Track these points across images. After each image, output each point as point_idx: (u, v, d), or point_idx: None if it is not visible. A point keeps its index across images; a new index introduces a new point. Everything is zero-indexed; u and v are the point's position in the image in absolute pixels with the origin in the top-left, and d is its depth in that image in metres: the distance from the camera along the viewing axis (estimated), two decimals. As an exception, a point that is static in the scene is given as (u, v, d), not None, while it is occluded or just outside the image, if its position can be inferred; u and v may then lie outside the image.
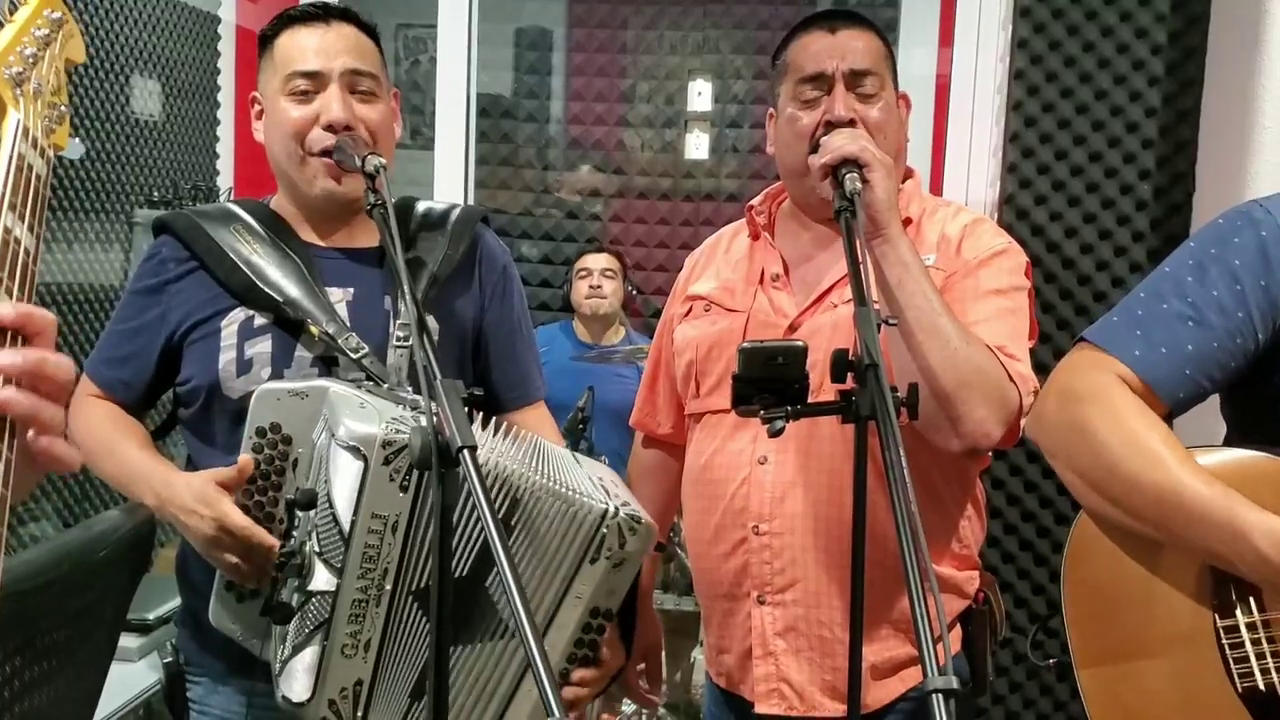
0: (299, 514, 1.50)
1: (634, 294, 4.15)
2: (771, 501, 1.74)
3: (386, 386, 1.59)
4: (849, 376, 1.34)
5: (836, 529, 1.70)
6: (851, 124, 1.71)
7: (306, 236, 1.75)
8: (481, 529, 1.41)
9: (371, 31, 1.73)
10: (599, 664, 1.62)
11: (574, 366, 3.58)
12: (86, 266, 2.70)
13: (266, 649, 1.58)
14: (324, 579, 1.48)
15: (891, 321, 1.46)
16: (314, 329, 1.63)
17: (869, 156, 1.58)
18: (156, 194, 2.91)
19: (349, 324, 1.67)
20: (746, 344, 1.46)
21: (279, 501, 1.54)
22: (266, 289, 1.65)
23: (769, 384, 1.44)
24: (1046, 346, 2.58)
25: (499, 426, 1.62)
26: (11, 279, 0.94)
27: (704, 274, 1.94)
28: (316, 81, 1.66)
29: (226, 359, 1.66)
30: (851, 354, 1.33)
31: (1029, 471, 2.64)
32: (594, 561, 1.55)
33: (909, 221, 1.76)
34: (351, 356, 1.62)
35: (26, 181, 0.99)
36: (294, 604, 1.49)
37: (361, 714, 1.51)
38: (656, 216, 4.31)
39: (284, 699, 1.51)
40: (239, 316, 1.67)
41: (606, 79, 4.37)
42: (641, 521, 1.57)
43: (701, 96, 4.26)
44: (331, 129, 1.64)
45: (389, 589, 1.49)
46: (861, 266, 1.42)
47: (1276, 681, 1.40)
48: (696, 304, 1.90)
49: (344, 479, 1.46)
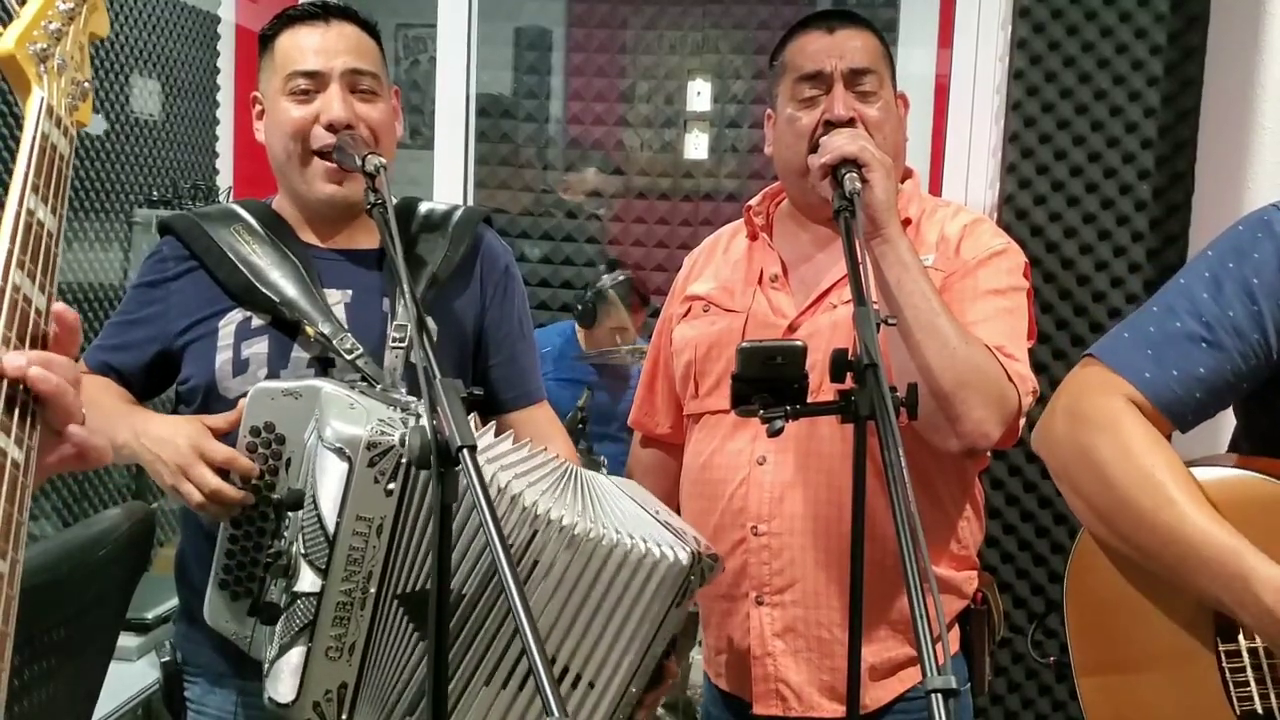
0: (287, 514, 1.50)
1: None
2: (770, 502, 1.74)
3: (380, 388, 1.59)
4: (848, 376, 1.34)
5: (835, 529, 1.70)
6: (851, 123, 1.71)
7: (306, 237, 1.75)
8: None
9: (372, 30, 1.73)
10: (665, 680, 1.64)
11: (574, 367, 3.56)
12: (86, 265, 2.70)
13: (260, 647, 1.58)
14: (309, 580, 1.47)
15: (891, 321, 1.46)
16: (309, 330, 1.63)
17: (869, 156, 1.58)
18: (156, 193, 2.90)
19: (347, 326, 1.67)
20: (745, 344, 1.46)
21: (271, 501, 1.54)
22: (264, 289, 1.66)
23: (768, 384, 1.44)
24: (1045, 346, 2.58)
25: (562, 475, 1.60)
26: (34, 262, 0.94)
27: (703, 274, 1.93)
28: (317, 81, 1.66)
29: (223, 359, 1.67)
30: (851, 354, 1.33)
31: (1028, 471, 2.64)
32: (679, 606, 1.57)
33: (908, 222, 1.76)
34: (346, 358, 1.62)
35: (50, 161, 0.98)
36: (281, 604, 1.49)
37: (346, 717, 1.51)
38: (655, 216, 4.30)
39: (270, 700, 1.51)
40: (236, 317, 1.68)
41: (606, 79, 4.36)
42: (718, 560, 1.60)
43: (701, 96, 4.25)
44: (332, 128, 1.64)
45: (374, 592, 1.48)
46: (861, 267, 1.42)
47: (1275, 707, 1.39)
48: (695, 304, 1.90)
49: (329, 480, 1.45)
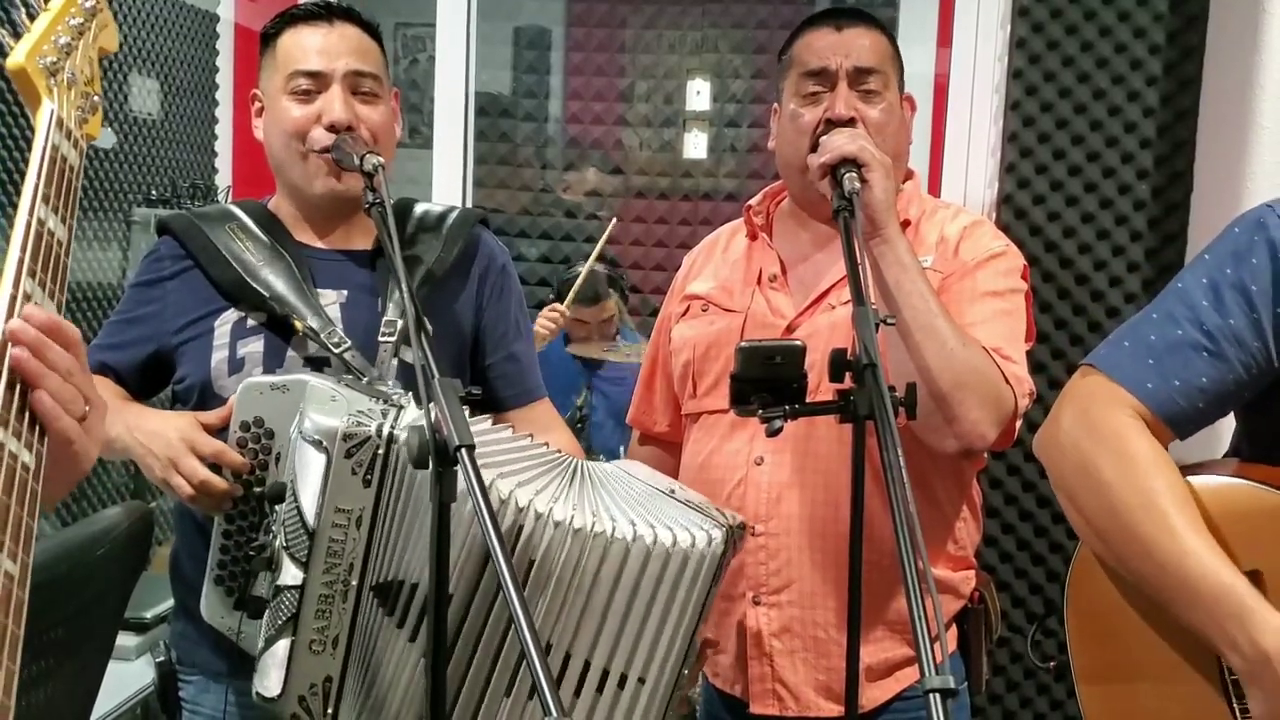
0: (272, 508, 1.51)
1: (631, 292, 4.13)
2: (768, 502, 1.74)
3: (367, 380, 1.60)
4: (847, 376, 1.34)
5: (833, 530, 1.70)
6: (852, 122, 1.70)
7: (303, 237, 1.76)
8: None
9: (374, 31, 1.74)
10: (704, 652, 1.66)
11: (571, 366, 3.56)
12: (85, 265, 2.70)
13: (253, 643, 1.57)
14: (291, 574, 1.48)
15: (890, 321, 1.46)
16: (298, 323, 1.64)
17: (868, 156, 1.58)
18: (155, 192, 2.91)
19: (342, 325, 1.67)
20: (745, 343, 1.46)
21: (257, 495, 1.55)
22: (254, 284, 1.66)
23: (767, 383, 1.44)
24: (1044, 346, 2.58)
25: (569, 470, 1.60)
26: (45, 271, 0.95)
27: (702, 273, 1.93)
28: (319, 81, 1.67)
29: (219, 358, 1.67)
30: (849, 354, 1.33)
31: (1026, 471, 2.64)
32: (717, 583, 1.58)
33: (907, 223, 1.76)
34: (334, 351, 1.63)
35: (60, 173, 1.00)
36: (267, 598, 1.50)
37: (332, 711, 1.51)
38: (655, 216, 4.30)
39: (257, 695, 1.51)
40: (232, 317, 1.68)
41: (605, 78, 4.36)
42: (745, 525, 1.63)
43: (700, 96, 4.25)
44: (333, 129, 1.65)
45: (355, 584, 1.48)
46: (860, 267, 1.42)
47: None
48: (694, 303, 1.90)
49: (308, 473, 1.46)
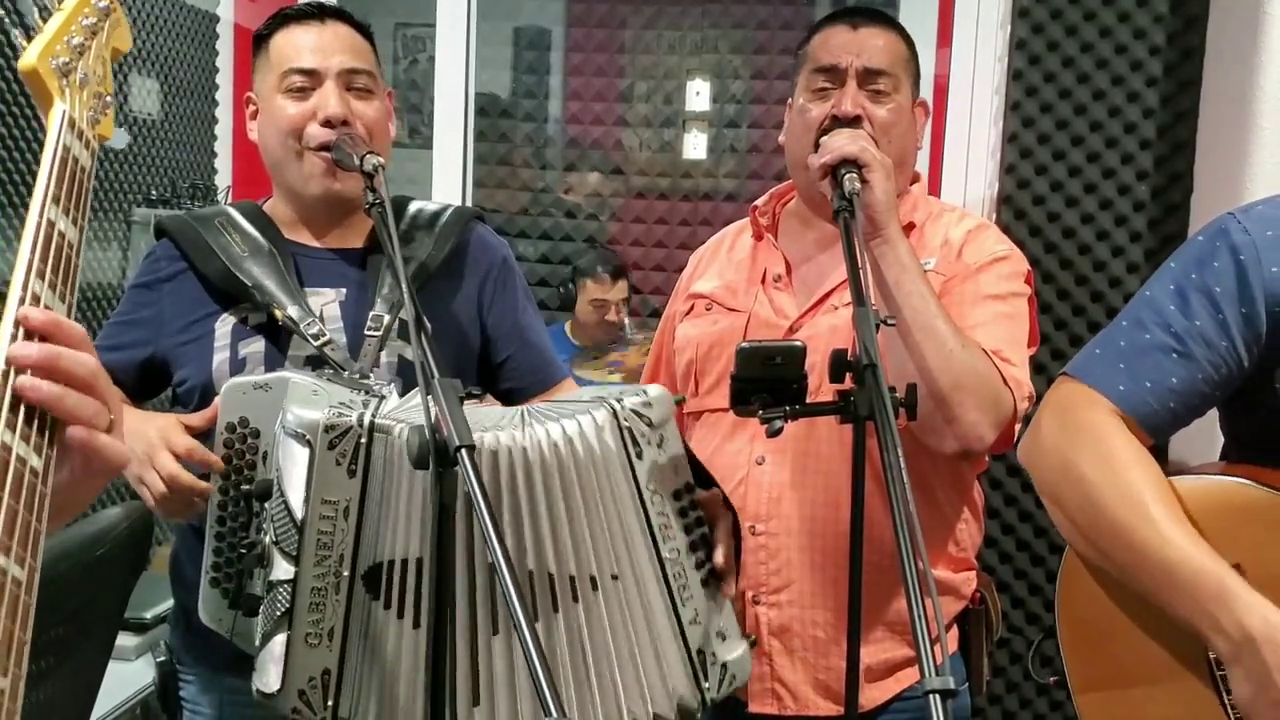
0: (263, 505, 1.51)
1: (632, 293, 4.14)
2: (768, 502, 1.74)
3: (348, 374, 1.60)
4: (847, 377, 1.34)
5: (832, 530, 1.70)
6: (857, 120, 1.71)
7: (297, 237, 1.76)
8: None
9: (366, 31, 1.74)
10: (714, 539, 1.53)
11: (569, 367, 3.57)
12: (84, 265, 2.69)
13: (251, 642, 1.57)
14: (283, 569, 1.48)
15: (890, 321, 1.46)
16: (278, 312, 1.64)
17: (869, 157, 1.58)
18: (155, 193, 2.90)
19: (344, 323, 1.68)
20: (745, 344, 1.46)
21: (249, 502, 1.55)
22: (238, 274, 1.67)
23: (767, 384, 1.44)
24: (1044, 347, 2.58)
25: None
26: (55, 273, 0.94)
27: (707, 272, 1.94)
28: (313, 79, 1.67)
29: (220, 359, 1.67)
30: (850, 354, 1.34)
31: (1026, 472, 2.63)
32: (641, 456, 1.48)
33: (912, 226, 1.77)
34: (313, 344, 1.63)
35: (71, 174, 0.99)
36: (261, 595, 1.50)
37: (332, 703, 1.51)
38: (654, 216, 4.30)
39: (257, 691, 1.51)
40: (232, 319, 1.69)
41: (605, 78, 4.36)
42: (649, 393, 1.50)
43: (700, 96, 4.25)
44: (329, 124, 1.65)
45: (346, 575, 1.48)
46: (861, 269, 1.42)
47: None
48: (698, 302, 1.90)
49: (293, 467, 1.47)
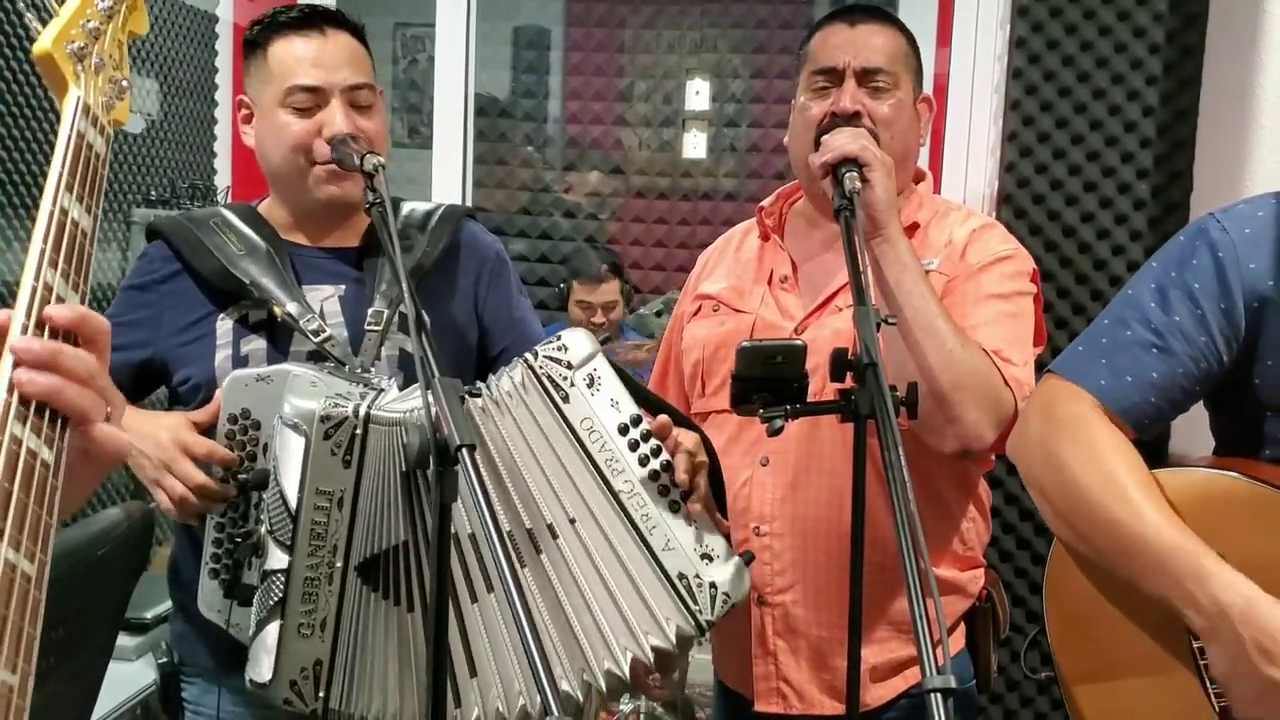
0: (257, 495, 1.52)
1: (631, 293, 4.13)
2: (772, 503, 1.74)
3: (349, 368, 1.61)
4: (848, 376, 1.34)
5: (837, 531, 1.70)
6: (856, 116, 1.71)
7: (292, 238, 1.76)
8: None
9: (360, 33, 1.74)
10: (676, 465, 1.53)
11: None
12: (84, 265, 2.69)
13: (249, 634, 1.58)
14: (277, 558, 1.49)
15: (891, 320, 1.46)
16: (277, 309, 1.65)
17: (869, 156, 1.58)
18: (154, 193, 2.90)
19: (344, 319, 1.69)
20: (745, 343, 1.46)
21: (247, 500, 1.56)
22: (235, 272, 1.67)
23: (768, 383, 1.44)
24: (1045, 346, 2.58)
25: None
26: (68, 262, 0.93)
27: (714, 272, 1.94)
28: (318, 95, 1.67)
29: (222, 356, 1.68)
30: (851, 353, 1.34)
31: (1025, 469, 2.64)
32: (567, 399, 1.52)
33: (916, 226, 1.77)
34: (313, 340, 1.63)
35: (85, 161, 0.98)
36: (255, 585, 1.51)
37: (323, 694, 1.52)
38: (654, 215, 4.30)
39: (250, 681, 1.52)
40: (232, 317, 1.69)
41: (604, 78, 4.36)
42: (563, 338, 1.55)
43: (699, 96, 4.25)
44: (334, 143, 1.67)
45: (340, 566, 1.50)
46: (862, 270, 1.42)
47: None
48: (706, 303, 1.91)
49: (289, 457, 1.48)
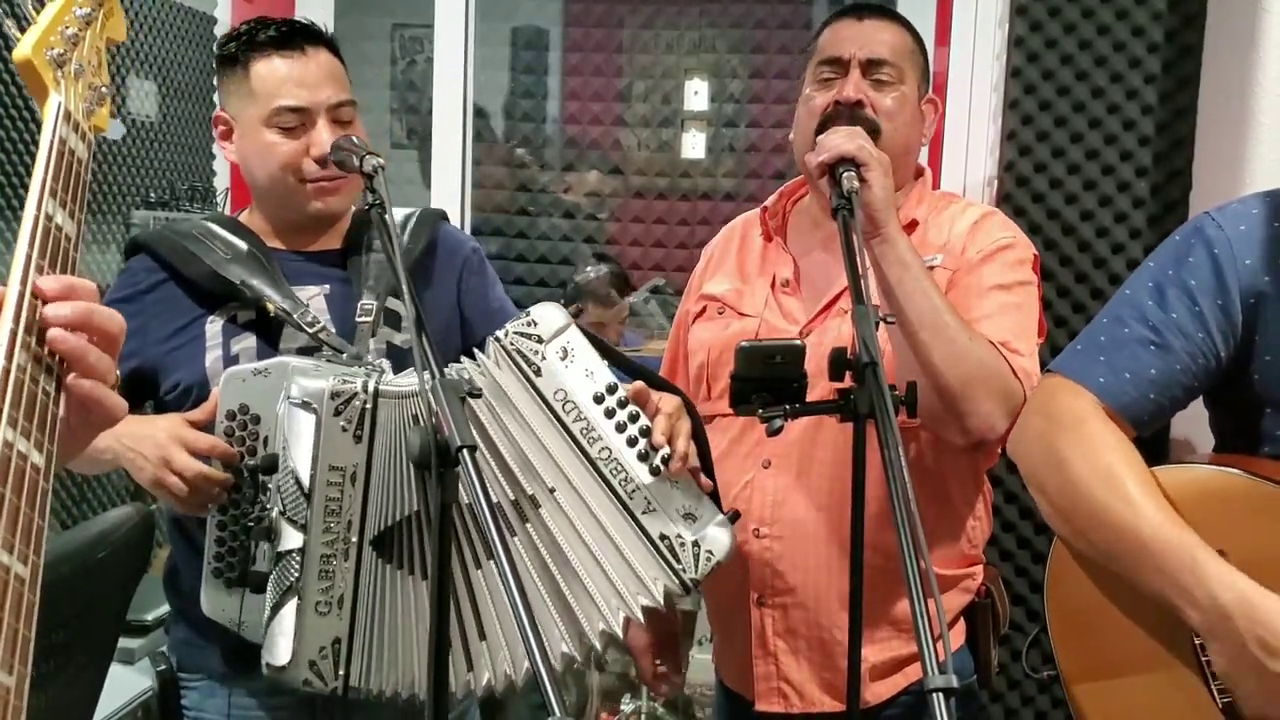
0: (264, 479, 1.53)
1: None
2: (773, 505, 1.74)
3: (346, 356, 1.63)
4: (847, 375, 1.34)
5: (837, 533, 1.70)
6: (859, 105, 1.73)
7: (277, 245, 1.79)
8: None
9: (335, 46, 1.77)
10: (654, 428, 1.57)
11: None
12: (83, 267, 2.68)
13: (256, 630, 1.58)
14: (292, 538, 1.51)
15: (890, 320, 1.46)
16: (270, 305, 1.66)
17: (866, 155, 1.58)
18: (153, 195, 2.90)
19: (331, 317, 1.71)
20: (744, 343, 1.46)
21: (248, 469, 1.57)
22: (225, 275, 1.69)
23: (767, 383, 1.44)
24: (1044, 344, 2.58)
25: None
26: (53, 267, 0.95)
27: (718, 272, 1.94)
28: (303, 115, 1.70)
29: (213, 356, 1.69)
30: (850, 352, 1.34)
31: (1025, 468, 2.64)
32: (539, 372, 1.58)
33: (915, 224, 1.77)
34: (309, 331, 1.65)
35: (67, 166, 0.99)
36: (268, 569, 1.52)
37: (344, 672, 1.53)
38: (653, 216, 4.30)
39: (267, 666, 1.53)
40: (221, 319, 1.71)
41: (603, 78, 4.36)
42: (533, 313, 1.60)
43: (698, 96, 4.25)
44: (323, 161, 1.70)
45: (355, 541, 1.52)
46: (862, 272, 1.42)
47: None
48: (710, 305, 1.91)
49: (299, 436, 1.51)
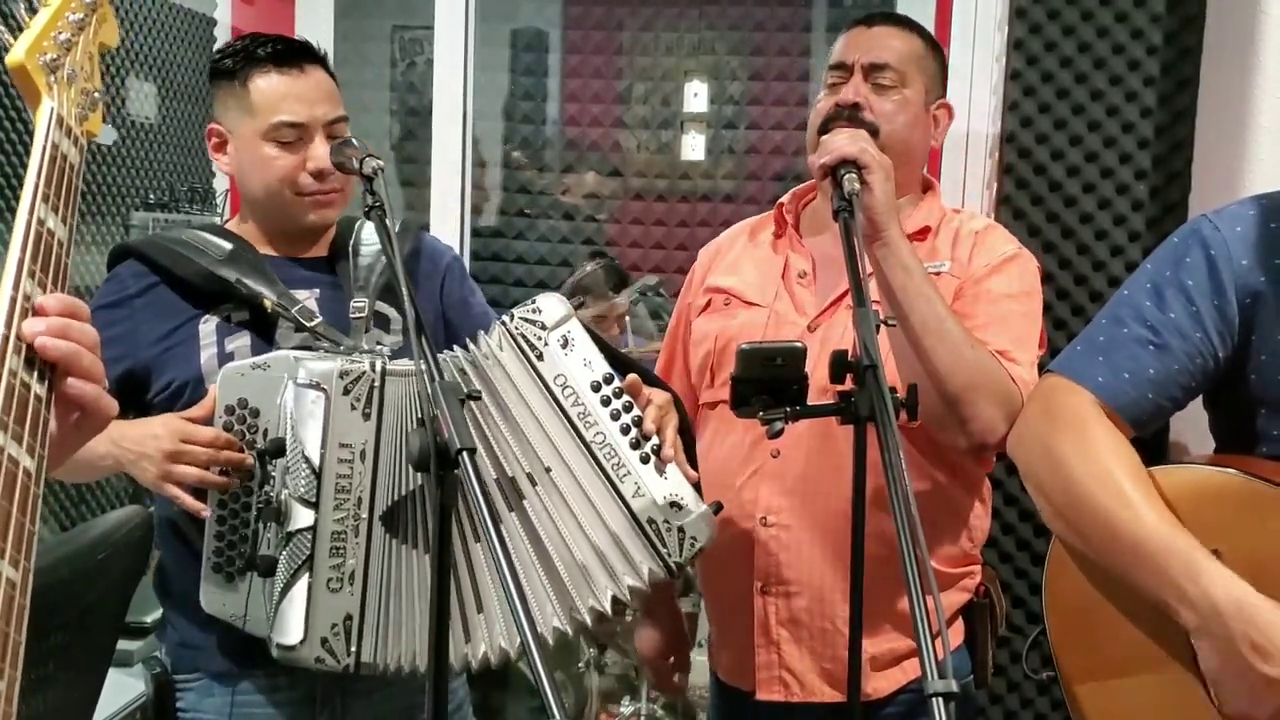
0: (271, 464, 1.55)
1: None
2: (782, 493, 1.75)
3: (343, 347, 1.64)
4: (848, 378, 1.34)
5: (844, 524, 1.70)
6: (856, 106, 1.75)
7: (265, 251, 1.80)
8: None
9: (328, 64, 1.80)
10: (645, 418, 1.60)
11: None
12: (82, 269, 2.69)
13: (258, 624, 1.58)
14: (302, 517, 1.52)
15: (890, 322, 1.47)
16: (266, 302, 1.68)
17: (868, 158, 1.59)
18: (153, 196, 2.90)
19: (323, 319, 1.71)
20: (745, 345, 1.47)
21: (253, 461, 1.57)
22: (220, 273, 1.70)
23: (767, 385, 1.44)
24: (1045, 349, 2.58)
25: None
26: (45, 271, 0.95)
27: (723, 267, 1.95)
28: (300, 130, 1.72)
29: (208, 355, 1.70)
30: (851, 355, 1.34)
31: (1025, 470, 2.64)
32: (542, 358, 1.60)
33: (928, 230, 1.79)
34: (307, 325, 1.66)
35: (60, 171, 0.99)
36: (276, 552, 1.53)
37: (355, 648, 1.53)
38: (652, 217, 4.30)
39: (278, 647, 1.53)
40: (214, 319, 1.72)
41: (602, 80, 4.35)
42: (537, 301, 1.64)
43: (697, 98, 4.25)
44: (320, 175, 1.73)
45: (365, 517, 1.53)
46: (865, 275, 1.43)
47: None
48: (716, 297, 1.91)
49: (309, 416, 1.52)
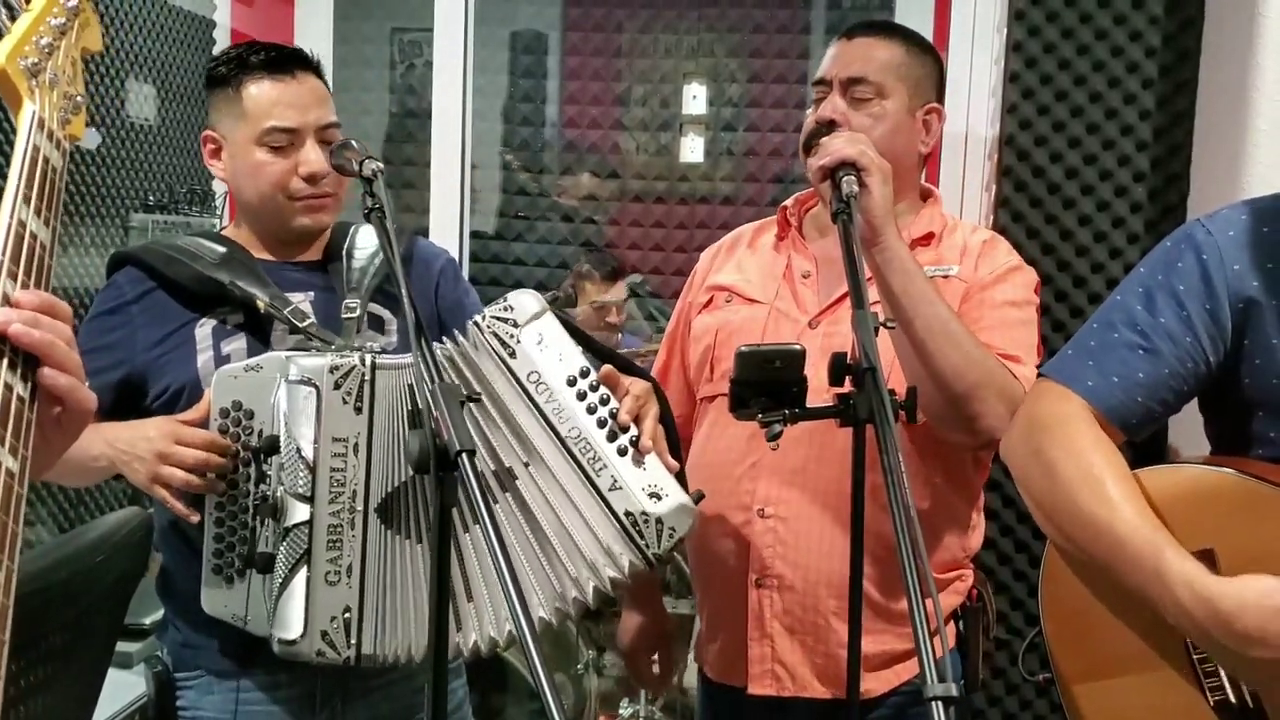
0: (266, 461, 1.56)
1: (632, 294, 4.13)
2: (780, 486, 1.75)
3: (335, 346, 1.65)
4: (847, 380, 1.34)
5: (842, 519, 1.71)
6: (833, 124, 1.75)
7: (259, 256, 1.81)
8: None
9: (320, 71, 1.82)
10: (622, 409, 1.62)
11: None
12: (81, 271, 2.69)
13: (260, 622, 1.58)
14: (299, 512, 1.53)
15: (890, 324, 1.47)
16: (260, 303, 1.69)
17: (867, 161, 1.59)
18: (152, 198, 2.90)
19: (317, 321, 1.72)
20: (744, 347, 1.47)
21: (248, 464, 1.58)
22: (214, 276, 1.71)
23: (766, 387, 1.44)
24: (1043, 349, 2.58)
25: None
26: (28, 275, 0.95)
27: (725, 266, 1.95)
28: (293, 135, 1.74)
29: (205, 358, 1.71)
30: (850, 357, 1.34)
31: (1024, 473, 2.64)
32: (514, 354, 1.63)
33: (932, 236, 1.80)
34: (299, 326, 1.67)
35: (42, 174, 0.99)
36: (274, 548, 1.54)
37: (355, 640, 1.54)
38: (651, 219, 4.30)
39: (278, 642, 1.54)
40: (210, 323, 1.73)
41: (601, 82, 4.36)
42: (509, 298, 1.66)
43: (696, 100, 4.25)
44: (311, 180, 1.75)
45: (360, 510, 1.55)
46: (862, 275, 1.43)
47: (1246, 694, 1.41)
48: (718, 294, 1.92)
49: (300, 411, 1.54)
